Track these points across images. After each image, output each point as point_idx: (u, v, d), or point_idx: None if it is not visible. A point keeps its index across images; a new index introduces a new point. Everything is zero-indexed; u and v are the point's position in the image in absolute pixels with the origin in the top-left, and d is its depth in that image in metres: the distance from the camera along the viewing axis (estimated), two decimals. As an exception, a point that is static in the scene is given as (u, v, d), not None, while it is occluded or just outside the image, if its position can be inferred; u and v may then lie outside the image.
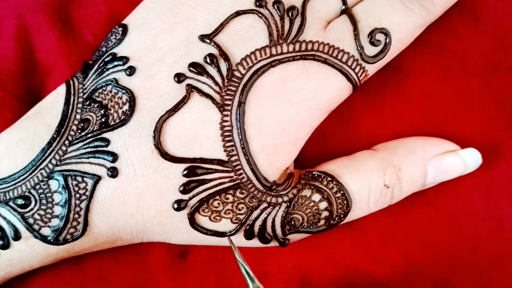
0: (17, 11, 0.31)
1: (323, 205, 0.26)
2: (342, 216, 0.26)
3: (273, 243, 0.26)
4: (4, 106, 0.30)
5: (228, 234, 0.25)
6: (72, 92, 0.26)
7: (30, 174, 0.24)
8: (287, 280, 0.28)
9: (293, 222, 0.25)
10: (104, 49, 0.27)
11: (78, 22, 0.31)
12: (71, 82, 0.27)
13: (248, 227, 0.25)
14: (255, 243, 0.26)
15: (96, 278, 0.29)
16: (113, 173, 0.24)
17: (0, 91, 0.30)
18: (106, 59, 0.26)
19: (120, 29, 0.27)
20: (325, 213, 0.26)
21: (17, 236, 0.24)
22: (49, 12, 0.31)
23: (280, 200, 0.25)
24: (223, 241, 0.26)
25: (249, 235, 0.25)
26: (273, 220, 0.25)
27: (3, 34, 0.31)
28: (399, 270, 0.28)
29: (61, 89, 0.27)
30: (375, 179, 0.26)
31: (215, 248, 0.29)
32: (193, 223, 0.25)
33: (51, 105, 0.26)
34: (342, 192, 0.25)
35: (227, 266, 0.29)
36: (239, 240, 0.26)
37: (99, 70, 0.26)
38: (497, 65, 0.29)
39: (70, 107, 0.25)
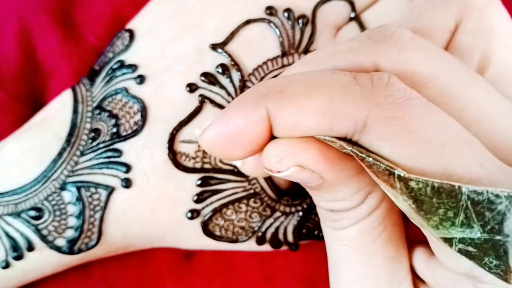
0: (18, 12, 0.30)
1: None
2: None
3: (283, 248, 0.26)
4: (5, 108, 0.29)
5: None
6: (80, 100, 0.26)
7: (42, 185, 0.24)
8: (294, 281, 0.29)
9: (305, 230, 0.26)
10: (110, 54, 0.27)
11: (80, 24, 0.31)
12: (78, 89, 0.26)
13: (260, 234, 0.25)
14: (265, 248, 0.26)
15: (102, 281, 0.29)
16: (127, 183, 0.24)
17: (1, 93, 0.30)
18: (114, 67, 0.26)
19: (127, 34, 0.26)
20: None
21: (31, 247, 0.24)
22: (51, 14, 0.30)
23: (293, 209, 0.25)
24: (234, 247, 0.26)
25: (261, 241, 0.26)
26: (286, 228, 0.25)
27: (5, 36, 0.30)
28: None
29: (67, 95, 0.26)
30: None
31: (221, 250, 0.29)
32: (207, 231, 0.25)
33: (58, 113, 0.26)
34: None
35: (233, 268, 0.29)
36: (251, 245, 0.26)
37: (108, 78, 0.26)
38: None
39: (79, 116, 0.25)
